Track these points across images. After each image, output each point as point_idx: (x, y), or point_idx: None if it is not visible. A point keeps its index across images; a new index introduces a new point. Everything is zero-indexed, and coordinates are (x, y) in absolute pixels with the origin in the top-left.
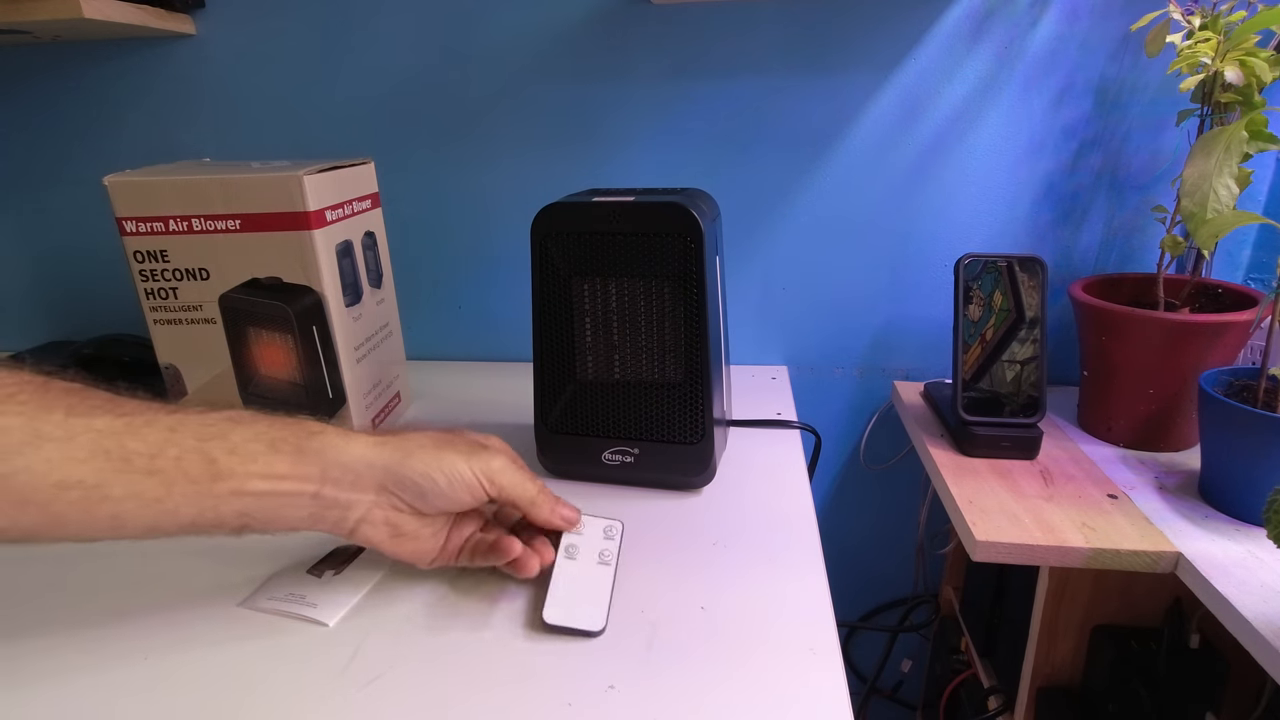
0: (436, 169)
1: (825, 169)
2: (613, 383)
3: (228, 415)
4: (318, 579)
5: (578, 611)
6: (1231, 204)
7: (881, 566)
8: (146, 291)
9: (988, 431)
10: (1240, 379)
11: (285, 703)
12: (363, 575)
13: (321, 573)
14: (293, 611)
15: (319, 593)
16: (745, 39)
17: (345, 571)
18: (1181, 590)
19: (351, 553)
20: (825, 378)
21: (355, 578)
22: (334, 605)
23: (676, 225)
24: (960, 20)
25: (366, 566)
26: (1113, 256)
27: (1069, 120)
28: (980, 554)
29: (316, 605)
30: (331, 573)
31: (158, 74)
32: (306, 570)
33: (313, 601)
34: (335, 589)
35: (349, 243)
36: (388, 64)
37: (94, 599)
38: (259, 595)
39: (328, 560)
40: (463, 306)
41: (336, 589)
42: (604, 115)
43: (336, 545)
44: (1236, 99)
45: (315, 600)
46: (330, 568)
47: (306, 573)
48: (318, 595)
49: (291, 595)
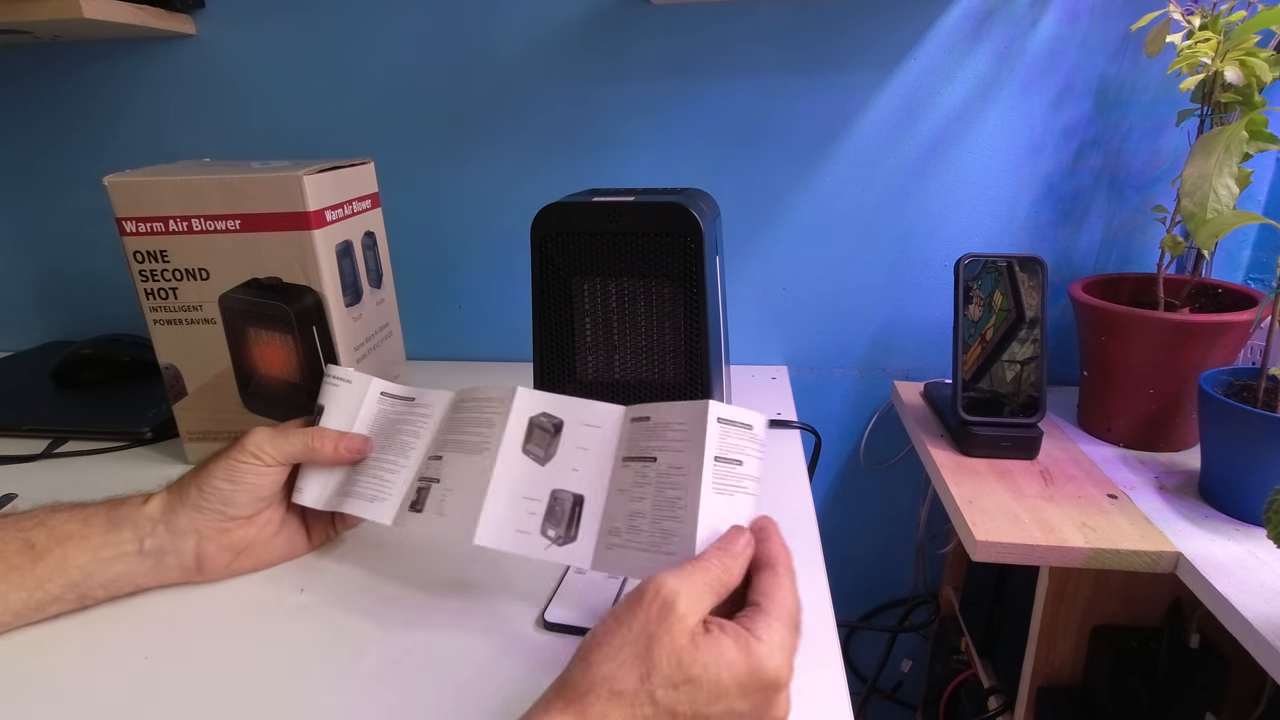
0: (436, 169)
1: (825, 169)
2: (613, 383)
3: (47, 506)
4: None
5: (580, 611)
6: (1231, 204)
7: (881, 566)
8: (146, 291)
9: (988, 431)
10: (1240, 379)
11: (287, 701)
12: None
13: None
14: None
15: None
16: (745, 39)
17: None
18: (1181, 590)
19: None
20: (825, 378)
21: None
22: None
23: (676, 225)
24: (960, 20)
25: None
26: (1113, 256)
27: (1069, 120)
28: (980, 554)
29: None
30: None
31: (158, 74)
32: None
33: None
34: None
35: (349, 243)
36: (388, 64)
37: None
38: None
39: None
40: (463, 306)
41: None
42: (604, 115)
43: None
44: (1236, 99)
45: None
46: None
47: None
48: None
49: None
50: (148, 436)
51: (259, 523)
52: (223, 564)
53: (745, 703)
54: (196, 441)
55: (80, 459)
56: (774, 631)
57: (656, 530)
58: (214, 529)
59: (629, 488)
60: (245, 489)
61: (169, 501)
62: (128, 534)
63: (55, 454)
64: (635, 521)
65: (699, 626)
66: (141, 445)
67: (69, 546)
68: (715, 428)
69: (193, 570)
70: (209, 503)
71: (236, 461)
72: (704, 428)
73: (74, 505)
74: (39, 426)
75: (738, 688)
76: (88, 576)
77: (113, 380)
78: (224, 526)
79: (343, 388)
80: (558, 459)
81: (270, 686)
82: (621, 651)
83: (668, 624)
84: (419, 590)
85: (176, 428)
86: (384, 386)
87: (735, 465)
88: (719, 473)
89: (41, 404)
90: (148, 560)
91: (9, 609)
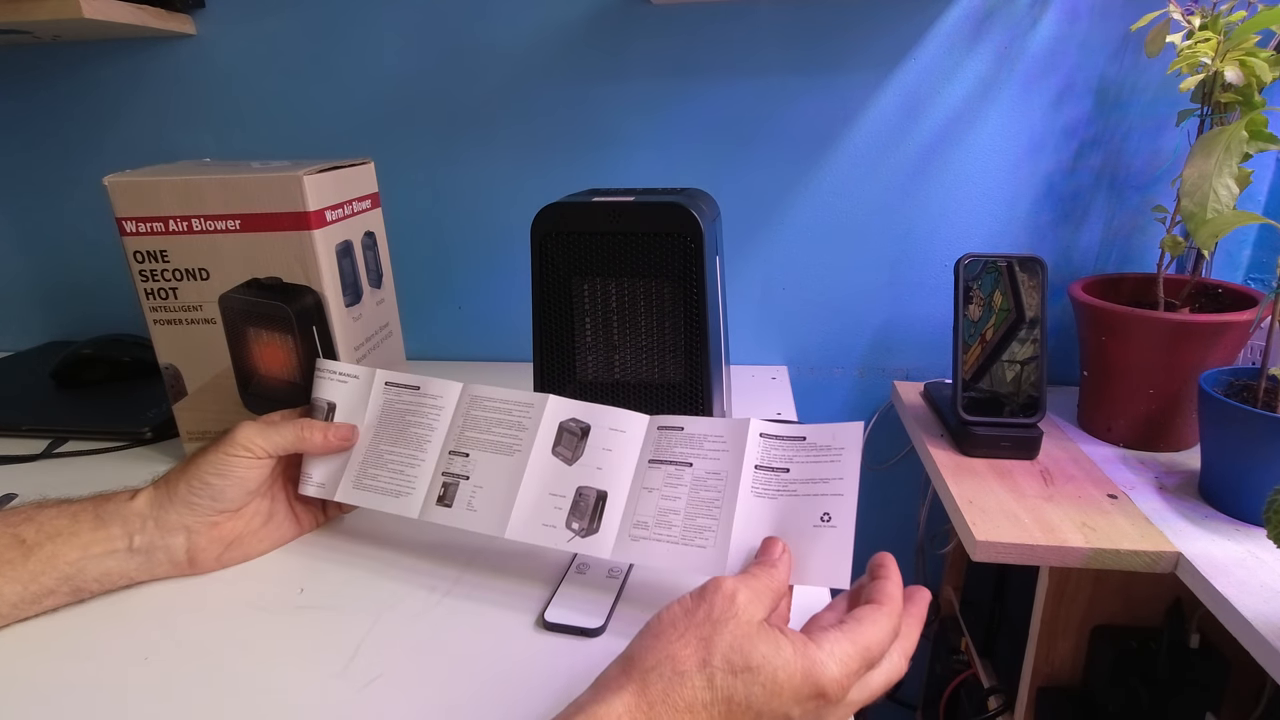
0: (436, 169)
1: (825, 169)
2: (613, 383)
3: (34, 502)
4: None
5: (580, 611)
6: (1231, 204)
7: None
8: (146, 291)
9: (988, 431)
10: (1240, 379)
11: (285, 702)
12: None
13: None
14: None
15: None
16: (745, 39)
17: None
18: (1181, 590)
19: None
20: (825, 378)
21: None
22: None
23: (676, 225)
24: (960, 20)
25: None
26: (1113, 256)
27: (1069, 120)
28: (980, 554)
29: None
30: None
31: (158, 74)
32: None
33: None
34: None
35: (349, 243)
36: (388, 64)
37: (98, 598)
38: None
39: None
40: (463, 306)
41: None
42: (604, 115)
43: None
44: (1236, 99)
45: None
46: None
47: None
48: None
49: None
50: (148, 436)
51: (247, 514)
52: (213, 557)
53: (798, 708)
54: (196, 441)
55: (80, 459)
56: (839, 646)
57: (690, 526)
58: (204, 524)
59: (659, 487)
60: (235, 483)
61: (157, 498)
62: (117, 530)
63: (55, 454)
64: (667, 518)
65: (762, 622)
66: (141, 445)
67: (59, 543)
68: (756, 441)
69: (184, 565)
70: (199, 498)
71: (227, 455)
72: (744, 441)
73: (60, 501)
74: (39, 426)
75: (791, 690)
76: (80, 571)
77: (113, 380)
78: (214, 521)
79: (350, 384)
80: (584, 459)
81: (270, 686)
82: (687, 633)
83: (732, 611)
84: (419, 590)
85: (176, 428)
86: (388, 376)
87: (780, 473)
88: (759, 479)
89: (41, 404)
90: (138, 556)
91: (5, 601)
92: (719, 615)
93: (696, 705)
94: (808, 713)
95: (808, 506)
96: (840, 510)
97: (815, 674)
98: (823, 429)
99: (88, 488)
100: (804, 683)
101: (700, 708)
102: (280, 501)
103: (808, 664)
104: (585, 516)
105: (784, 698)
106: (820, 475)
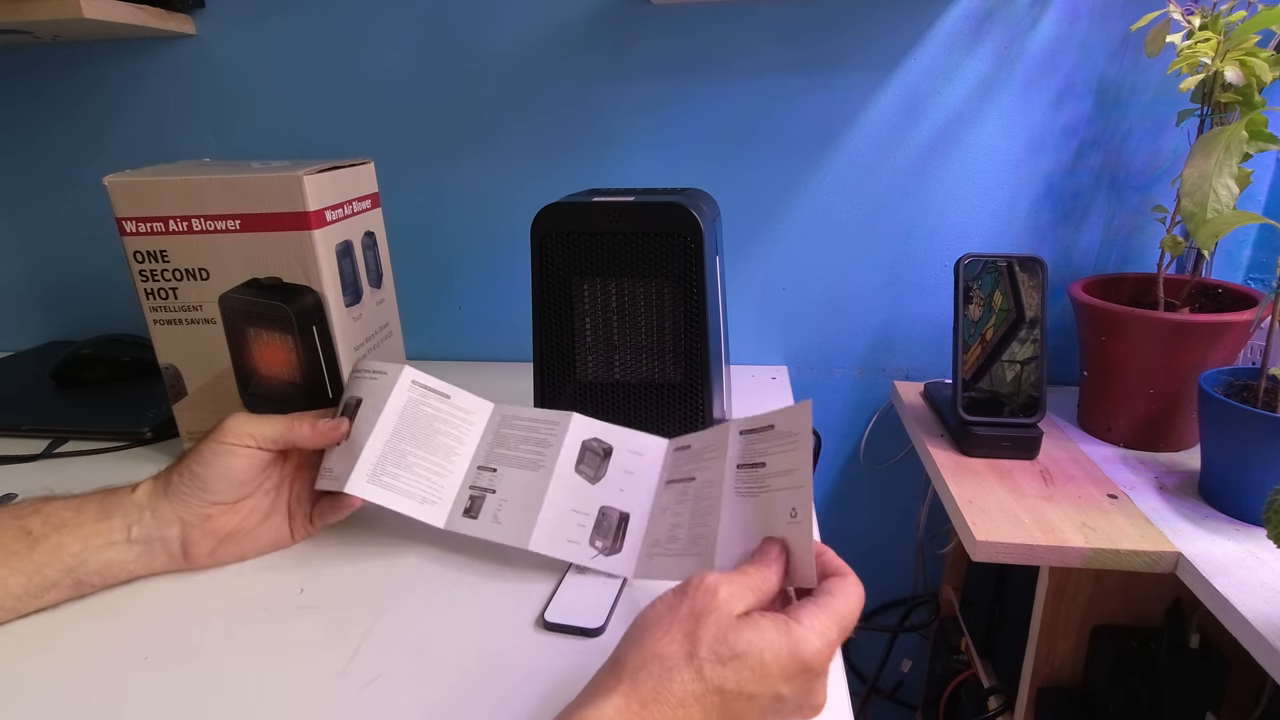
0: (436, 169)
1: (825, 169)
2: (613, 383)
3: (41, 496)
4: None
5: (580, 611)
6: (1231, 204)
7: (881, 566)
8: (146, 291)
9: (988, 431)
10: (1240, 379)
11: (286, 700)
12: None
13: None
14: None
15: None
16: (745, 39)
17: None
18: (1181, 590)
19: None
20: (825, 378)
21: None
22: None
23: (676, 225)
24: (960, 20)
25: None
26: (1113, 256)
27: (1069, 120)
28: (980, 554)
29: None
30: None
31: (158, 74)
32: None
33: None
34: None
35: (349, 243)
36: (388, 64)
37: (99, 598)
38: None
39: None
40: (463, 306)
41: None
42: (604, 115)
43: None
44: (1236, 99)
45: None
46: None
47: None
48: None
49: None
50: (148, 436)
51: (243, 510)
52: (205, 551)
53: (788, 685)
54: (196, 441)
55: (80, 459)
56: (817, 620)
57: (689, 537)
58: (196, 515)
59: (670, 505)
60: (220, 472)
61: (154, 489)
62: (118, 521)
63: (55, 454)
64: (674, 533)
65: (741, 614)
66: (141, 445)
67: (64, 534)
68: (737, 440)
69: (179, 558)
70: (189, 488)
71: (216, 444)
72: (726, 442)
73: (67, 495)
74: (39, 426)
75: (780, 669)
76: (82, 563)
77: (113, 380)
78: (205, 513)
79: (380, 380)
80: (606, 479)
81: (270, 686)
82: (671, 630)
83: (714, 604)
84: (419, 590)
85: (176, 428)
86: (415, 375)
87: (758, 468)
88: (741, 477)
89: (41, 404)
90: (136, 547)
91: (9, 593)
92: (701, 608)
93: (688, 698)
94: (798, 688)
95: (782, 501)
96: (803, 504)
97: (800, 650)
98: (783, 414)
99: (88, 488)
100: (791, 660)
101: (692, 700)
102: (280, 502)
103: (792, 642)
104: (609, 536)
105: (774, 678)
106: (786, 467)
